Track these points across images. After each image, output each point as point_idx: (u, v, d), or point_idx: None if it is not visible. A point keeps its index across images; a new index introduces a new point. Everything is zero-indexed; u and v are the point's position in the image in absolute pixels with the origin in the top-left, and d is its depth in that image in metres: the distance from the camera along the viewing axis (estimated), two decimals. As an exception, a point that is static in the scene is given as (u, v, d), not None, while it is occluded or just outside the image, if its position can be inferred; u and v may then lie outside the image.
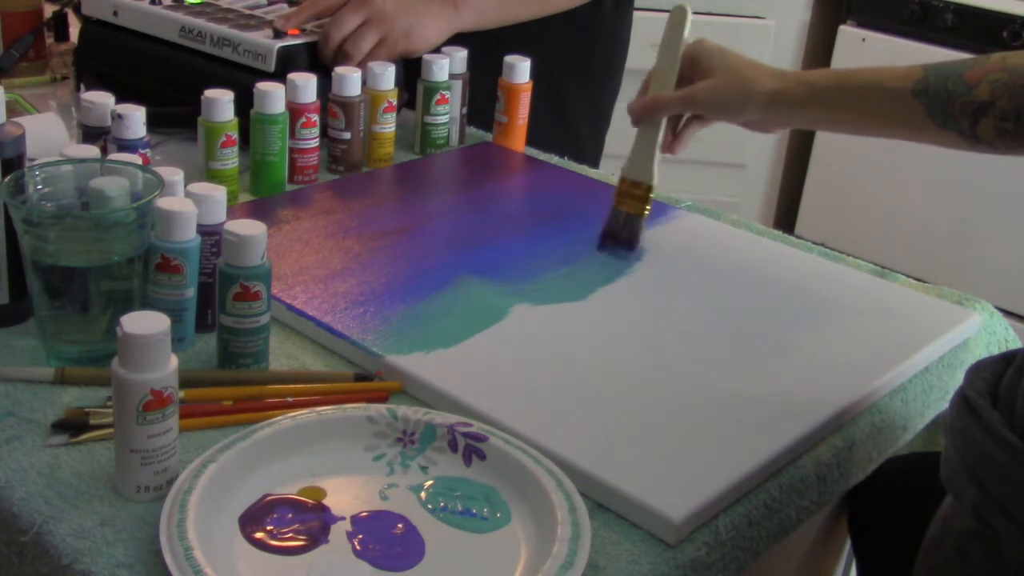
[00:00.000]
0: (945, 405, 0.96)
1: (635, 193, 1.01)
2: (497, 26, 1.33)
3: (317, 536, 0.66)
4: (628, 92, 1.64)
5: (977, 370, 0.73)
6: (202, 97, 1.04)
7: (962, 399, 0.70)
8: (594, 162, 1.57)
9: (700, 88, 0.96)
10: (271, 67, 1.16)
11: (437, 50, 1.25)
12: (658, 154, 1.00)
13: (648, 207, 1.01)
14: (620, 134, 1.66)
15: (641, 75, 1.04)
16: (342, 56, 1.20)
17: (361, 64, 1.20)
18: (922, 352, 0.92)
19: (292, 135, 1.12)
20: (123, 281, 0.79)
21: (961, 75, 0.84)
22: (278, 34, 1.18)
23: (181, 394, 0.70)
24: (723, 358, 0.87)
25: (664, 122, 1.00)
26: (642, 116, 1.01)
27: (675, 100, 0.98)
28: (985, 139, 0.83)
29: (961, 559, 0.70)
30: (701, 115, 1.00)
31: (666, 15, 1.04)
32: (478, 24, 1.30)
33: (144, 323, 0.65)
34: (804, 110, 0.92)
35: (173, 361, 0.66)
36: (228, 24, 1.21)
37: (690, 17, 1.01)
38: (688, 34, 1.00)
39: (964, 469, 0.68)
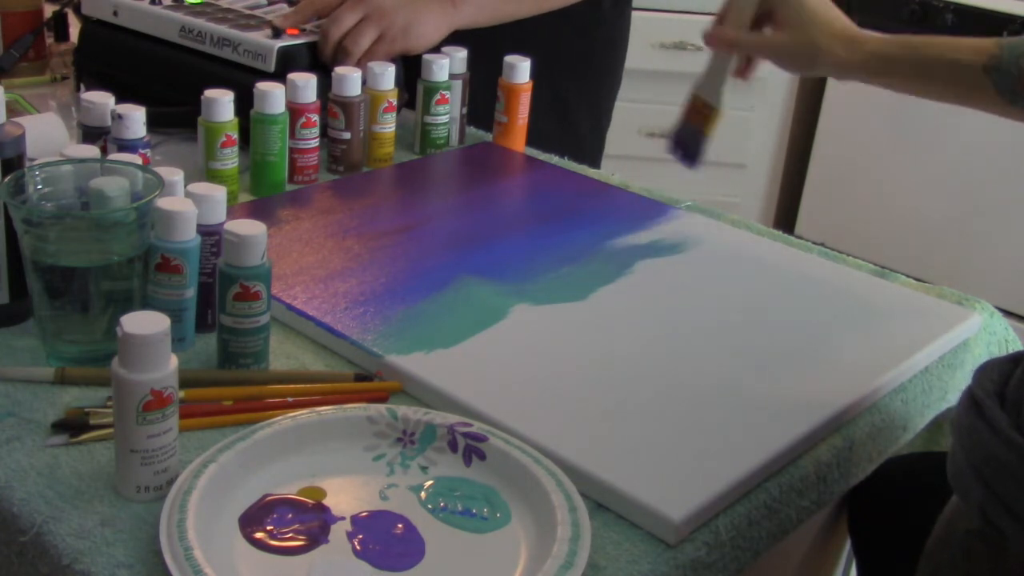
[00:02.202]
0: (945, 405, 0.96)
1: (704, 112, 1.02)
2: (494, 23, 1.33)
3: (317, 536, 0.66)
4: (628, 91, 1.65)
5: (985, 370, 0.72)
6: (202, 97, 1.04)
7: (970, 398, 0.70)
8: (594, 161, 1.57)
9: (772, 42, 0.96)
10: (271, 67, 1.16)
11: (437, 50, 1.25)
12: (729, 80, 1.01)
13: (712, 129, 1.02)
14: (621, 133, 1.67)
15: (641, 75, 1.05)
16: (341, 53, 1.20)
17: (360, 63, 1.20)
18: (922, 352, 0.92)
19: (292, 135, 1.12)
20: (123, 281, 0.79)
21: None
22: (277, 33, 1.18)
23: (181, 394, 0.70)
24: (723, 358, 0.87)
25: (733, 58, 1.01)
26: (716, 47, 1.01)
27: (748, 44, 0.98)
28: None
29: (966, 559, 0.70)
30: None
31: (666, 15, 1.03)
32: (476, 21, 1.30)
33: (144, 323, 0.65)
34: (873, 77, 0.91)
35: (173, 361, 0.66)
36: (228, 24, 1.21)
37: None
38: None
39: (971, 468, 0.68)
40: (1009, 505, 0.65)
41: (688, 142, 1.02)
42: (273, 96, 1.07)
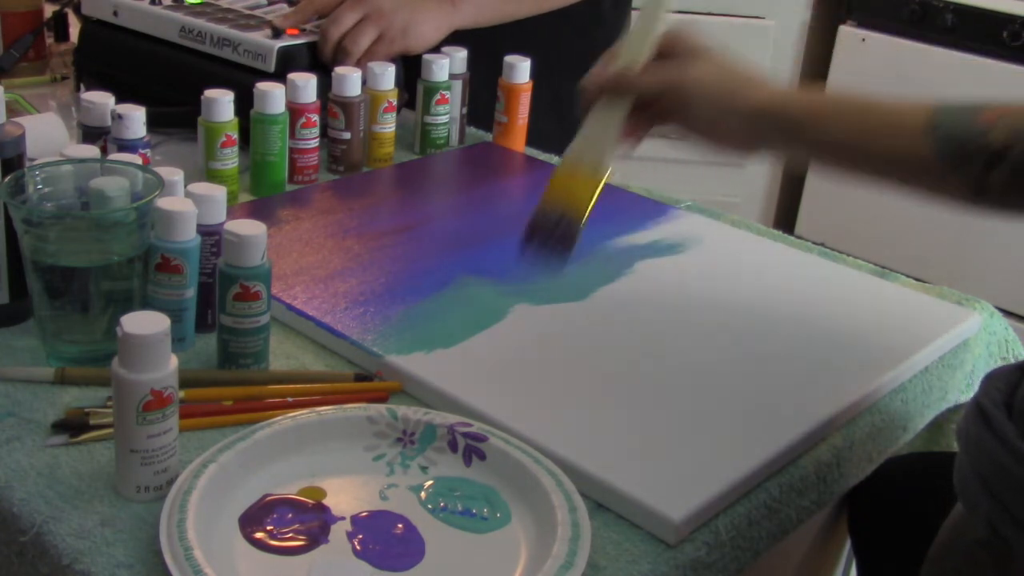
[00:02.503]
0: (945, 405, 0.96)
1: (576, 186, 0.79)
2: (495, 23, 1.33)
3: (317, 536, 0.66)
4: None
5: (992, 379, 0.71)
6: (202, 97, 1.04)
7: (976, 408, 0.69)
8: None
9: (681, 73, 0.79)
10: (271, 67, 1.16)
11: (437, 49, 1.25)
12: (615, 144, 0.80)
13: (591, 206, 0.78)
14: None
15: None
16: (341, 53, 1.20)
17: (360, 63, 1.20)
18: (922, 352, 0.92)
19: (292, 135, 1.12)
20: (123, 281, 0.79)
21: (975, 117, 0.74)
22: (277, 33, 1.18)
23: (181, 394, 0.70)
24: (723, 358, 0.87)
25: (627, 108, 0.81)
26: (600, 94, 0.82)
27: (649, 82, 0.80)
28: (993, 190, 0.73)
29: (970, 567, 0.69)
30: (662, 112, 0.82)
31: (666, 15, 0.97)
32: (476, 21, 1.30)
33: (144, 323, 0.64)
34: (801, 133, 0.78)
35: (173, 361, 0.66)
36: (228, 24, 1.21)
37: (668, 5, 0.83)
38: (668, 8, 0.83)
39: (978, 479, 0.67)
40: (1016, 516, 0.64)
41: (554, 233, 0.79)
42: (273, 96, 1.07)
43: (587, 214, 0.76)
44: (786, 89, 0.79)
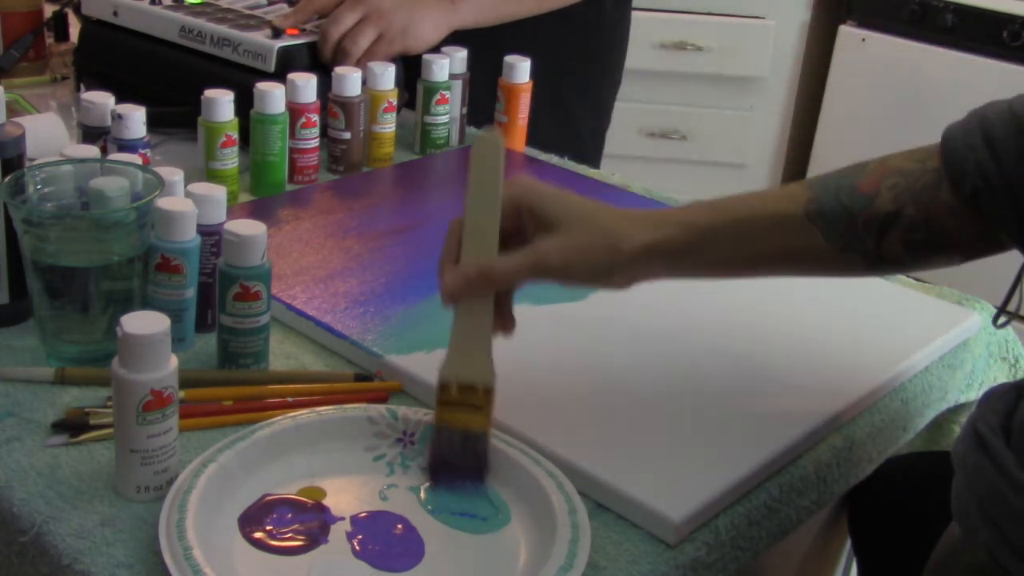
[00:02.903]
0: (945, 405, 0.96)
1: (469, 401, 0.72)
2: (495, 23, 1.33)
3: (317, 536, 0.66)
4: (628, 91, 1.65)
5: (989, 401, 0.70)
6: (202, 97, 1.04)
7: (973, 433, 0.68)
8: (595, 159, 1.57)
9: (552, 250, 0.73)
10: (271, 67, 1.16)
11: (437, 49, 1.25)
12: (491, 343, 0.74)
13: (489, 419, 0.72)
14: (621, 133, 1.67)
15: (641, 75, 1.03)
16: (340, 53, 1.20)
17: (360, 63, 1.20)
18: (922, 352, 0.92)
19: (292, 135, 1.12)
20: (123, 281, 0.79)
21: (855, 187, 0.73)
22: (277, 33, 1.18)
23: (181, 394, 0.70)
24: (723, 358, 0.87)
25: (491, 299, 0.74)
26: (465, 294, 0.73)
27: (518, 269, 0.73)
28: (891, 256, 0.73)
29: None
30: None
31: (666, 15, 0.97)
32: (476, 21, 1.30)
33: (144, 323, 0.64)
34: (687, 256, 0.75)
35: (173, 361, 0.66)
36: (228, 24, 1.21)
37: (503, 149, 0.75)
38: (502, 171, 0.75)
39: (977, 508, 0.66)
40: (1015, 546, 0.64)
41: (461, 457, 0.72)
42: (273, 96, 1.07)
43: (490, 427, 0.72)
44: (660, 220, 0.75)
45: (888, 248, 0.72)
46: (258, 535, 0.66)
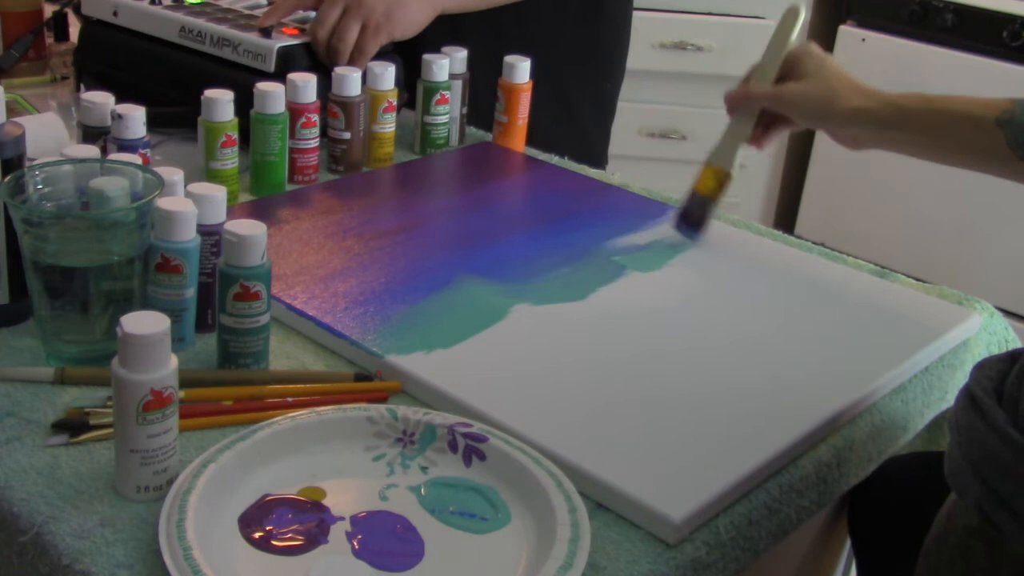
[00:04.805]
0: (945, 405, 0.96)
1: (714, 178, 1.04)
2: (482, 8, 1.32)
3: (316, 536, 0.66)
4: (628, 91, 1.65)
5: (982, 368, 0.73)
6: (202, 97, 1.04)
7: (967, 396, 0.70)
8: (601, 153, 1.56)
9: (788, 89, 0.98)
10: (271, 67, 1.16)
11: (437, 49, 1.25)
12: (743, 146, 1.03)
13: (722, 193, 1.05)
14: (621, 133, 1.67)
15: (641, 75, 1.05)
16: (332, 52, 1.19)
17: (354, 57, 1.19)
18: (922, 352, 0.92)
19: (292, 135, 1.12)
20: (123, 281, 0.79)
21: None
22: (265, 33, 1.18)
23: (181, 394, 0.70)
24: (723, 358, 0.87)
25: (755, 115, 1.02)
26: (734, 106, 1.03)
27: (764, 95, 1.00)
28: None
29: (964, 557, 0.70)
30: (780, 120, 1.02)
31: (666, 15, 1.06)
32: (462, 5, 1.29)
33: (144, 323, 0.64)
34: (887, 130, 0.92)
35: (173, 361, 0.66)
36: (228, 24, 1.21)
37: (801, 19, 1.04)
38: (796, 35, 1.03)
39: (968, 466, 0.68)
40: (1007, 502, 0.65)
41: (695, 212, 1.06)
42: (273, 96, 1.07)
43: (718, 197, 1.05)
44: (875, 95, 0.93)
45: None
46: (258, 535, 0.66)
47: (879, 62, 2.48)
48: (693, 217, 1.06)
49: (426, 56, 1.23)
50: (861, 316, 0.96)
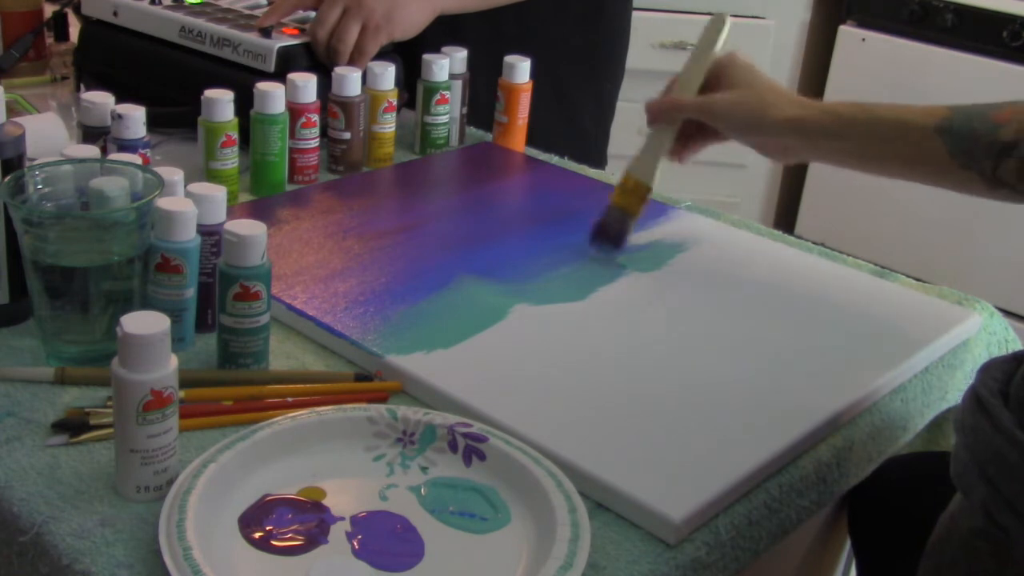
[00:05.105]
0: (945, 405, 0.96)
1: (633, 191, 1.01)
2: (482, 8, 1.33)
3: (316, 536, 0.66)
4: (628, 91, 1.64)
5: (988, 369, 0.72)
6: (202, 97, 1.04)
7: (974, 397, 0.70)
8: (600, 152, 1.56)
9: (717, 99, 0.94)
10: (271, 67, 1.16)
11: (437, 49, 1.25)
12: (664, 158, 1.00)
13: (641, 208, 1.01)
14: (621, 133, 1.67)
15: (641, 75, 1.05)
16: (332, 53, 1.19)
17: (354, 58, 1.19)
18: (922, 352, 0.92)
19: (292, 135, 1.12)
20: (123, 281, 0.79)
21: (987, 115, 0.82)
22: (265, 33, 1.18)
23: (181, 394, 0.70)
24: (723, 358, 0.87)
25: (677, 127, 0.99)
26: (658, 116, 0.99)
27: (691, 106, 0.97)
28: (1007, 181, 0.81)
29: (968, 558, 0.70)
30: (715, 129, 0.98)
31: (667, 15, 1.05)
32: (462, 6, 1.30)
33: (144, 323, 0.65)
34: (822, 140, 0.90)
35: (173, 361, 0.66)
36: (228, 24, 1.21)
37: (727, 28, 1.00)
38: (722, 45, 0.99)
39: (975, 467, 0.68)
40: (1013, 503, 0.65)
41: (613, 227, 1.02)
42: (273, 96, 1.07)
43: (638, 212, 1.02)
44: (808, 104, 0.90)
45: (1004, 173, 0.80)
46: (258, 535, 0.66)
47: (879, 62, 2.48)
48: (611, 232, 1.01)
49: (426, 56, 1.23)
50: (861, 316, 0.96)
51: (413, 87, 1.27)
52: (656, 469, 0.73)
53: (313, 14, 1.23)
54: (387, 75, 1.19)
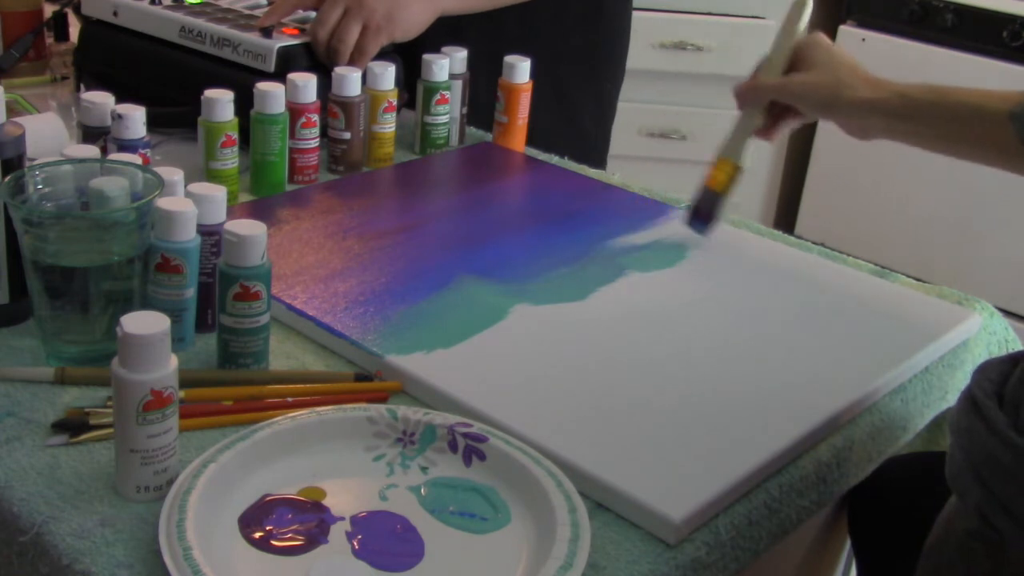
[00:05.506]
0: (945, 405, 0.96)
1: (725, 172, 1.05)
2: (483, 9, 1.33)
3: (316, 536, 0.66)
4: (628, 91, 1.65)
5: (984, 371, 0.72)
6: (202, 97, 1.04)
7: (969, 399, 0.70)
8: (601, 152, 1.56)
9: (795, 80, 0.98)
10: (271, 67, 1.16)
11: (437, 49, 1.25)
12: (752, 138, 1.04)
13: (732, 187, 1.06)
14: (621, 133, 1.67)
15: (641, 75, 1.05)
16: (332, 53, 1.19)
17: (354, 58, 1.19)
18: (922, 352, 0.92)
19: (292, 135, 1.12)
20: (123, 281, 0.79)
21: None
22: (265, 32, 1.18)
23: (181, 394, 0.70)
24: (723, 358, 0.87)
25: (763, 108, 1.02)
26: (744, 99, 1.03)
27: (771, 87, 1.00)
28: None
29: (964, 559, 0.70)
30: (789, 111, 1.02)
31: (667, 15, 1.05)
32: (463, 7, 1.30)
33: (144, 323, 0.64)
34: (896, 122, 0.91)
35: (173, 361, 0.66)
36: (228, 24, 1.21)
37: (809, 10, 1.03)
38: (804, 27, 1.02)
39: (969, 469, 0.68)
40: (1007, 505, 0.65)
41: (705, 207, 1.07)
42: (273, 96, 1.07)
43: (729, 191, 1.06)
44: (884, 86, 0.92)
45: None
46: (258, 535, 0.66)
47: (879, 62, 2.46)
48: (704, 212, 1.07)
49: (426, 56, 1.23)
50: (861, 316, 0.96)
51: (413, 87, 1.27)
52: (656, 469, 0.73)
53: (313, 14, 1.23)
54: (387, 75, 1.19)
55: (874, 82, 0.93)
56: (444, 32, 1.30)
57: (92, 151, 0.88)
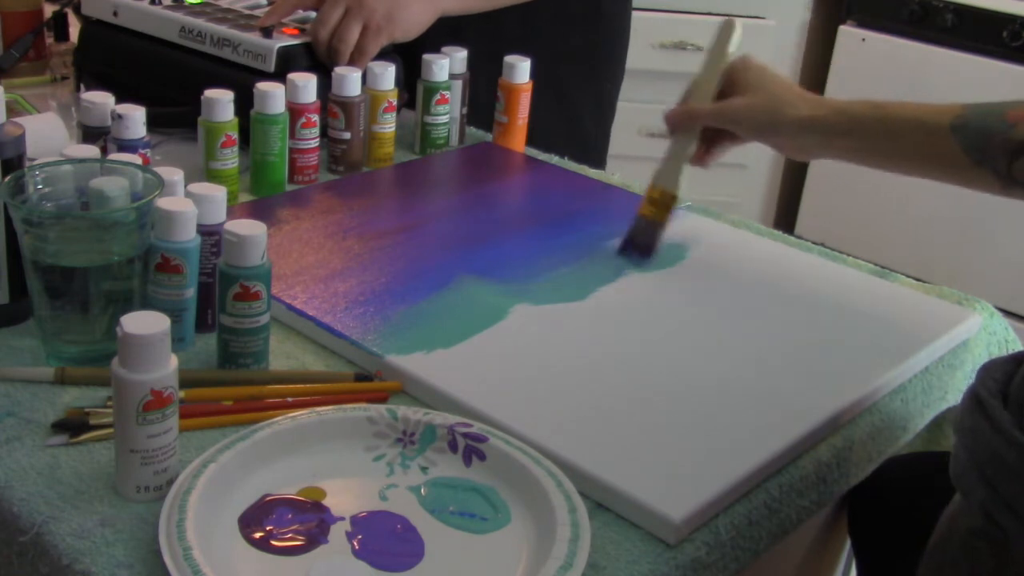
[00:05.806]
0: (945, 405, 0.96)
1: (660, 200, 1.02)
2: (483, 9, 1.33)
3: (316, 536, 0.66)
4: (628, 91, 1.65)
5: (988, 370, 0.72)
6: (202, 97, 1.04)
7: (973, 397, 0.70)
8: (601, 152, 1.56)
9: (731, 104, 0.96)
10: (271, 67, 1.16)
11: (437, 49, 1.25)
12: (687, 165, 1.01)
13: (669, 216, 1.02)
14: (621, 133, 1.67)
15: (641, 75, 1.05)
16: (333, 53, 1.19)
17: (355, 58, 1.19)
18: (922, 352, 0.92)
19: (292, 135, 1.12)
20: (123, 281, 0.79)
21: (1003, 113, 0.82)
22: (266, 32, 1.18)
23: (181, 394, 0.70)
24: (723, 358, 0.87)
25: (697, 134, 1.00)
26: (676, 125, 1.01)
27: (707, 113, 0.98)
28: (1021, 180, 0.81)
29: (968, 558, 0.70)
30: (725, 136, 1.00)
31: (667, 15, 1.04)
32: (464, 7, 1.30)
33: (144, 323, 0.65)
34: (837, 139, 0.90)
35: (173, 361, 0.66)
36: (228, 24, 1.21)
37: (738, 33, 1.01)
38: (735, 49, 1.00)
39: (973, 468, 0.68)
40: (1011, 504, 0.65)
41: (641, 237, 1.02)
42: (273, 96, 1.07)
43: (666, 220, 1.02)
44: (823, 103, 0.91)
45: (1018, 171, 0.81)
46: (258, 535, 0.66)
47: (879, 62, 2.48)
48: (640, 242, 1.02)
49: (426, 56, 1.23)
50: (861, 316, 0.96)
51: (413, 87, 1.27)
52: (656, 469, 0.73)
53: (313, 14, 1.23)
54: (387, 75, 1.19)
55: (813, 100, 0.92)
56: (444, 32, 1.30)
57: (92, 151, 0.88)
